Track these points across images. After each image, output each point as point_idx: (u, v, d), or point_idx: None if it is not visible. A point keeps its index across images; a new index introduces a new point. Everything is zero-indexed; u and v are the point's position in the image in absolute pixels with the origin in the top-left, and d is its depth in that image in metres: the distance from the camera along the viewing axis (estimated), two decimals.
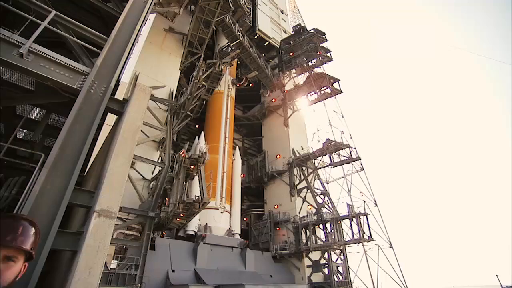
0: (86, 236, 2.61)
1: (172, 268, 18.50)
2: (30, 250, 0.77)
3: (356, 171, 37.35)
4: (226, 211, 25.45)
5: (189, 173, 16.92)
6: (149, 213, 14.66)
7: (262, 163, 33.74)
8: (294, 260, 26.68)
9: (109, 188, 2.87)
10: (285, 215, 28.95)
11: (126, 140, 3.25)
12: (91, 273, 2.50)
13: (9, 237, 0.74)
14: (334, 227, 24.50)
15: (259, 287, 17.32)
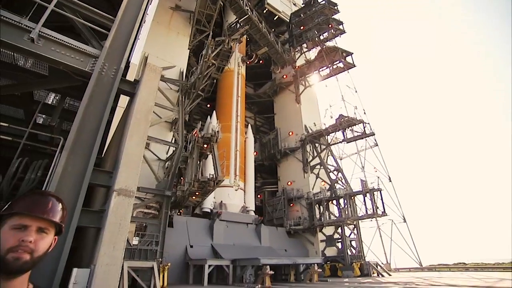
0: (108, 214, 2.76)
1: (190, 244, 19.33)
2: (59, 223, 0.84)
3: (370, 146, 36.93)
4: (240, 188, 25.95)
5: (203, 152, 17.16)
6: (165, 192, 15.12)
7: (274, 141, 33.77)
8: (308, 235, 27.28)
9: (126, 168, 2.97)
10: (299, 192, 29.29)
11: (139, 120, 3.31)
12: (115, 247, 2.68)
13: (40, 210, 0.81)
14: (347, 203, 24.69)
15: (274, 260, 17.89)
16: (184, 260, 18.36)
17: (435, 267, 30.79)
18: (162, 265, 13.26)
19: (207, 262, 16.64)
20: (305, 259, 21.14)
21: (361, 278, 20.51)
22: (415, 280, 17.61)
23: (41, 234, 0.80)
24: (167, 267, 13.53)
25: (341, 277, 22.60)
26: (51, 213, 0.83)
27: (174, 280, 16.40)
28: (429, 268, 30.09)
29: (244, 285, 15.75)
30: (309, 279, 18.52)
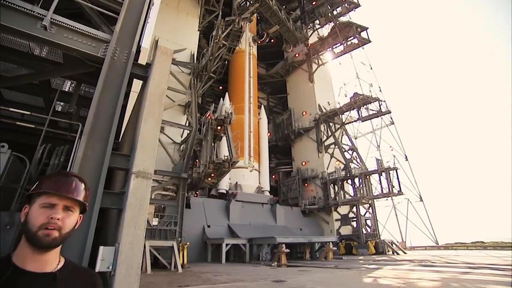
0: (128, 195, 2.89)
1: (207, 224, 19.97)
2: (83, 202, 0.89)
3: (386, 125, 36.08)
4: (255, 169, 26.22)
5: (217, 134, 17.31)
6: (181, 175, 15.48)
7: (288, 121, 33.53)
8: (322, 214, 27.55)
9: (143, 150, 3.06)
10: (313, 172, 29.32)
11: (153, 103, 3.36)
12: (137, 227, 2.82)
13: (65, 190, 0.86)
14: (362, 182, 24.58)
15: (290, 239, 18.27)
16: (202, 240, 19.06)
17: (451, 245, 30.63)
18: (182, 244, 13.80)
19: (225, 241, 17.22)
20: (320, 238, 21.47)
21: (375, 256, 20.72)
22: (431, 258, 17.61)
23: (68, 212, 0.85)
24: (186, 246, 14.08)
25: (356, 255, 22.90)
26: (75, 192, 0.88)
27: (194, 258, 17.11)
28: (445, 247, 29.99)
29: (260, 262, 16.26)
30: (324, 257, 18.88)
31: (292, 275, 10.48)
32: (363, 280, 9.05)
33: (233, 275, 10.45)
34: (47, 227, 0.79)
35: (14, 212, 3.99)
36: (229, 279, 9.45)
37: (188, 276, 10.22)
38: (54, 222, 0.80)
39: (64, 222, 0.83)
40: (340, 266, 13.66)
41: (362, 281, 8.87)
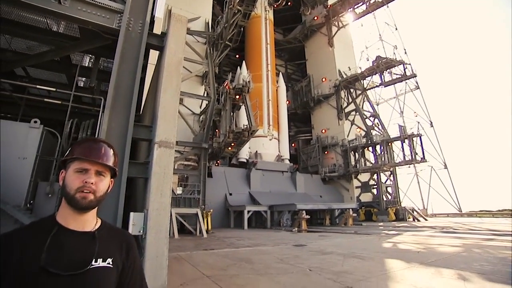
0: (152, 165, 3.02)
1: (229, 192, 20.66)
2: (113, 167, 0.93)
3: (410, 90, 34.35)
4: (274, 138, 26.25)
5: (235, 103, 17.27)
6: (202, 145, 15.81)
7: (307, 88, 32.66)
8: (343, 181, 27.59)
9: (164, 121, 3.13)
10: (333, 139, 28.97)
11: (171, 73, 3.36)
12: (163, 194, 2.98)
13: (95, 156, 0.91)
14: (384, 149, 24.07)
15: (310, 206, 18.62)
16: (225, 207, 19.85)
17: (476, 213, 29.99)
18: (205, 212, 14.47)
19: (246, 208, 17.86)
20: (340, 204, 21.72)
21: (396, 222, 20.82)
22: (453, 224, 17.44)
23: (100, 177, 0.91)
24: (209, 213, 14.75)
25: (375, 221, 23.11)
26: (105, 157, 0.93)
27: (217, 224, 17.96)
28: (469, 214, 29.46)
29: (281, 228, 16.84)
30: (343, 223, 19.22)
31: (312, 240, 10.82)
32: (383, 245, 9.20)
33: (255, 240, 10.95)
34: (83, 190, 0.85)
35: (53, 182, 4.30)
36: (251, 243, 9.92)
37: (212, 241, 10.82)
38: (88, 186, 0.87)
39: (97, 186, 0.89)
40: (359, 232, 13.90)
41: (381, 246, 9.03)
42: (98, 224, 0.94)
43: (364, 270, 5.40)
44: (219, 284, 4.44)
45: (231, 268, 5.70)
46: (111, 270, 0.86)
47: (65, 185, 0.87)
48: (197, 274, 5.15)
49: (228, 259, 6.66)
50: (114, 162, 0.95)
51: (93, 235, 0.89)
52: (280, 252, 7.71)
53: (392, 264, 6.04)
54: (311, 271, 5.41)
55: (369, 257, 6.78)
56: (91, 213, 0.91)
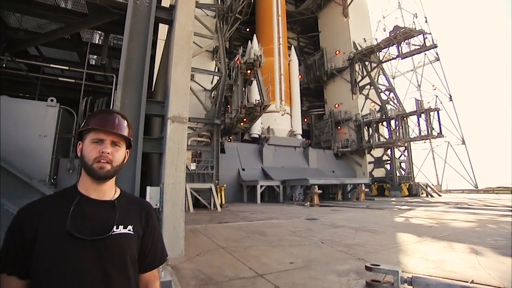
0: (166, 140, 3.06)
1: (242, 167, 20.95)
2: (129, 137, 0.95)
3: (429, 61, 32.73)
4: (286, 113, 26.01)
5: (247, 78, 17.01)
6: (214, 121, 15.86)
7: (320, 62, 31.67)
8: (355, 157, 27.39)
9: (176, 96, 3.13)
10: (347, 114, 28.45)
11: (181, 47, 3.31)
12: (177, 169, 3.05)
13: (110, 126, 0.92)
14: (399, 124, 23.51)
15: (322, 181, 18.72)
16: (238, 182, 20.24)
17: (493, 189, 29.30)
18: (219, 186, 14.80)
19: (259, 183, 18.16)
20: (353, 180, 21.73)
21: (408, 198, 20.73)
22: (467, 200, 17.21)
23: (115, 147, 0.93)
24: (223, 188, 15.09)
25: (388, 196, 23.10)
26: (120, 128, 0.94)
27: (230, 199, 18.42)
28: (485, 191, 28.86)
29: (294, 203, 17.12)
30: (356, 198, 19.33)
31: (325, 214, 10.99)
32: (395, 219, 9.25)
33: (268, 214, 11.21)
34: (100, 160, 0.88)
35: (73, 159, 4.46)
36: (264, 216, 10.18)
37: (226, 214, 11.15)
38: (105, 156, 0.89)
39: (113, 156, 0.91)
40: (371, 207, 13.97)
41: (393, 220, 9.08)
42: (118, 194, 0.97)
43: (375, 243, 5.49)
44: (234, 255, 4.62)
45: (245, 240, 5.91)
46: (132, 236, 0.90)
47: (83, 156, 0.90)
48: (213, 246, 5.37)
49: (242, 232, 6.88)
50: (128, 132, 0.97)
51: (113, 203, 0.92)
52: (292, 225, 7.89)
53: (403, 238, 6.10)
54: (323, 243, 5.54)
55: (380, 231, 6.85)
56: (110, 182, 0.94)
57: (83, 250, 0.80)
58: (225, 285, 3.28)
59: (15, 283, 0.77)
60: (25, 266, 0.77)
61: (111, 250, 0.84)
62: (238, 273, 3.73)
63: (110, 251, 0.83)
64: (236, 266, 4.04)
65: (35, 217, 0.81)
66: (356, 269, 3.82)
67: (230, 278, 3.53)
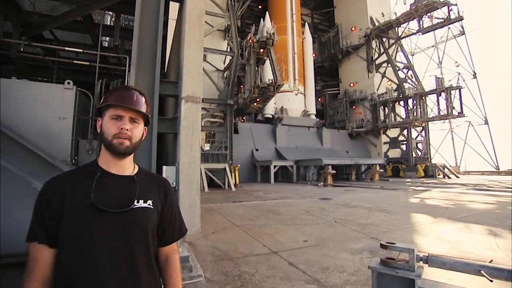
0: (180, 120, 3.09)
1: (255, 147, 21.04)
2: (147, 114, 0.96)
3: (453, 36, 30.83)
4: (300, 92, 25.60)
5: (260, 57, 16.70)
6: (227, 101, 15.81)
7: (335, 39, 30.56)
8: (370, 137, 26.90)
9: (189, 75, 3.12)
10: (362, 93, 27.69)
11: (193, 25, 3.25)
12: (192, 148, 3.09)
13: (128, 102, 0.93)
14: (417, 103, 22.71)
15: (336, 161, 18.61)
16: (251, 162, 20.41)
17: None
18: (233, 166, 14.98)
19: (272, 163, 18.27)
20: (367, 160, 21.49)
21: (424, 179, 20.35)
22: (487, 182, 16.71)
23: (134, 124, 0.94)
24: (237, 168, 15.27)
25: (403, 177, 22.77)
26: (138, 104, 0.95)
27: (244, 179, 18.65)
28: (507, 173, 27.81)
29: (307, 183, 17.19)
30: (370, 178, 19.18)
31: (338, 194, 11.01)
32: (409, 200, 9.16)
33: (281, 193, 11.34)
34: (119, 137, 0.89)
35: (91, 140, 4.59)
36: (278, 196, 10.30)
37: (241, 194, 11.35)
38: (124, 133, 0.90)
39: (132, 132, 0.92)
40: (386, 187, 13.86)
41: (408, 201, 9.00)
42: (136, 170, 1.00)
43: (389, 223, 5.48)
44: (248, 233, 4.74)
45: (259, 219, 6.03)
46: (152, 210, 0.93)
47: (102, 132, 0.91)
48: (228, 224, 5.51)
49: (256, 210, 7.02)
50: (146, 109, 0.97)
51: (132, 178, 0.95)
52: (306, 205, 7.97)
53: (418, 218, 6.06)
54: (337, 222, 5.58)
55: (394, 211, 6.82)
56: (129, 158, 0.96)
57: (106, 221, 0.83)
58: (240, 261, 3.39)
59: (45, 251, 0.81)
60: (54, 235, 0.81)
61: (133, 223, 0.87)
62: (252, 250, 3.84)
63: (132, 223, 0.87)
64: (251, 243, 4.15)
65: (60, 189, 0.85)
66: (370, 248, 3.85)
67: (245, 254, 3.64)
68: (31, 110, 3.52)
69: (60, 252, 0.82)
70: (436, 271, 2.81)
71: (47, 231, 0.82)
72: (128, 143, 0.90)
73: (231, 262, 3.35)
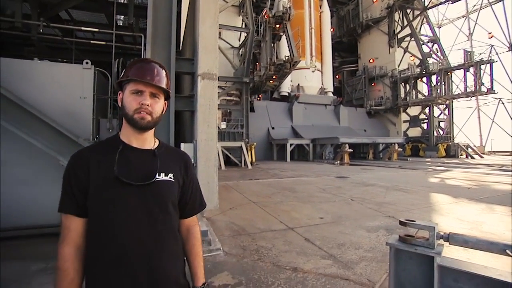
0: (197, 97, 3.10)
1: (271, 126, 20.98)
2: (167, 89, 0.96)
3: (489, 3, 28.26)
4: (317, 69, 24.91)
5: (276, 33, 16.23)
6: (243, 79, 15.65)
7: (354, 12, 29.00)
8: (389, 115, 26.07)
9: (205, 52, 3.09)
10: (382, 69, 26.56)
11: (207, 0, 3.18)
12: (209, 125, 3.12)
13: (150, 77, 0.92)
14: (441, 80, 21.56)
15: (353, 139, 18.32)
16: (268, 140, 20.43)
17: None
18: (249, 145, 15.07)
19: (289, 142, 18.23)
20: (385, 139, 21.01)
21: (445, 159, 19.68)
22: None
23: (154, 99, 0.94)
24: (253, 146, 15.35)
25: (422, 157, 22.13)
26: (158, 79, 0.94)
27: (260, 157, 18.76)
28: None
29: (323, 161, 17.11)
30: (388, 157, 18.82)
31: (355, 173, 10.92)
32: (429, 180, 8.96)
33: (298, 171, 11.37)
34: (140, 112, 0.90)
35: (111, 119, 4.71)
36: (294, 174, 10.35)
37: (257, 171, 11.48)
38: (145, 108, 0.90)
39: (153, 108, 0.92)
40: (404, 167, 13.59)
41: (427, 180, 8.80)
42: (157, 144, 1.02)
43: (407, 203, 5.42)
44: (265, 210, 4.83)
45: (275, 196, 6.11)
46: (173, 183, 0.95)
47: (123, 106, 0.92)
48: (244, 200, 5.63)
49: (272, 188, 7.10)
50: (166, 84, 0.97)
51: (153, 152, 0.97)
52: (322, 183, 7.98)
53: (437, 198, 5.95)
54: (353, 200, 5.58)
55: (413, 191, 6.72)
56: (150, 132, 0.98)
57: (130, 194, 0.86)
58: (257, 236, 3.49)
59: (75, 220, 0.86)
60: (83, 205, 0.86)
61: (155, 195, 0.90)
62: (269, 225, 3.92)
63: (154, 196, 0.89)
64: (267, 219, 4.24)
65: (85, 162, 0.88)
66: (386, 226, 3.85)
67: (262, 230, 3.73)
68: (54, 90, 3.63)
69: (90, 222, 0.87)
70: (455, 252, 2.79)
71: (76, 202, 0.86)
72: (149, 118, 0.91)
73: (248, 237, 3.45)
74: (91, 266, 0.85)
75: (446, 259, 1.25)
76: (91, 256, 0.85)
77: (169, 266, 0.90)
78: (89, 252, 0.86)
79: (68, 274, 0.82)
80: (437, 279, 1.18)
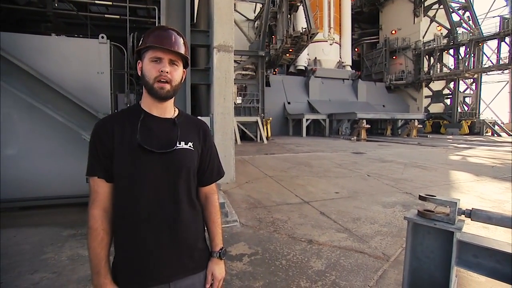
0: (213, 70, 3.06)
1: (287, 101, 20.69)
2: (186, 56, 0.94)
3: None
4: (335, 42, 23.93)
5: (292, 3, 15.48)
6: (259, 53, 15.28)
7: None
8: (410, 90, 25.00)
9: (220, 22, 3.00)
10: (405, 41, 25.15)
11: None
12: (226, 99, 3.11)
13: (167, 44, 0.91)
14: (470, 51, 20.18)
15: (371, 115, 17.87)
16: (283, 115, 20.27)
17: None
18: (265, 119, 15.01)
19: (305, 117, 18.01)
20: (404, 115, 20.33)
21: (468, 136, 18.91)
22: None
23: (173, 66, 0.93)
24: (269, 121, 15.28)
25: (443, 134, 21.35)
26: (176, 46, 0.93)
27: (276, 132, 18.74)
28: None
29: (340, 137, 16.89)
30: (406, 134, 18.32)
31: (372, 149, 10.74)
32: (449, 157, 8.68)
33: (313, 146, 11.31)
34: (160, 80, 0.90)
35: (128, 94, 4.76)
36: (310, 149, 10.30)
37: (273, 146, 11.50)
38: (164, 75, 0.90)
39: (172, 75, 0.92)
40: (423, 143, 13.22)
41: (447, 158, 8.54)
42: (177, 113, 1.02)
43: (425, 179, 5.32)
44: (281, 183, 4.88)
45: (291, 170, 6.14)
46: (193, 152, 0.97)
47: (143, 75, 0.92)
48: (260, 174, 5.70)
49: (288, 163, 7.13)
50: (185, 50, 0.95)
51: (173, 121, 0.98)
52: (338, 158, 7.92)
53: (458, 176, 5.79)
54: (369, 176, 5.53)
55: (432, 168, 6.57)
56: (170, 101, 0.98)
57: (152, 161, 0.89)
58: (273, 209, 3.55)
59: (102, 184, 0.90)
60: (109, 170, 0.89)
61: (175, 163, 0.92)
62: (285, 199, 3.98)
63: (175, 163, 0.92)
64: (283, 193, 4.30)
65: (110, 129, 0.91)
66: (403, 202, 3.82)
67: (278, 203, 3.80)
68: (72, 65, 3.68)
69: (116, 186, 0.90)
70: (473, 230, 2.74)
71: (103, 167, 0.89)
72: (168, 87, 0.91)
73: (264, 209, 3.52)
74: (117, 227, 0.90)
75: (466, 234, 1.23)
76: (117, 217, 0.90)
77: (188, 230, 0.94)
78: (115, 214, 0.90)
79: (99, 234, 0.87)
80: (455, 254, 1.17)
